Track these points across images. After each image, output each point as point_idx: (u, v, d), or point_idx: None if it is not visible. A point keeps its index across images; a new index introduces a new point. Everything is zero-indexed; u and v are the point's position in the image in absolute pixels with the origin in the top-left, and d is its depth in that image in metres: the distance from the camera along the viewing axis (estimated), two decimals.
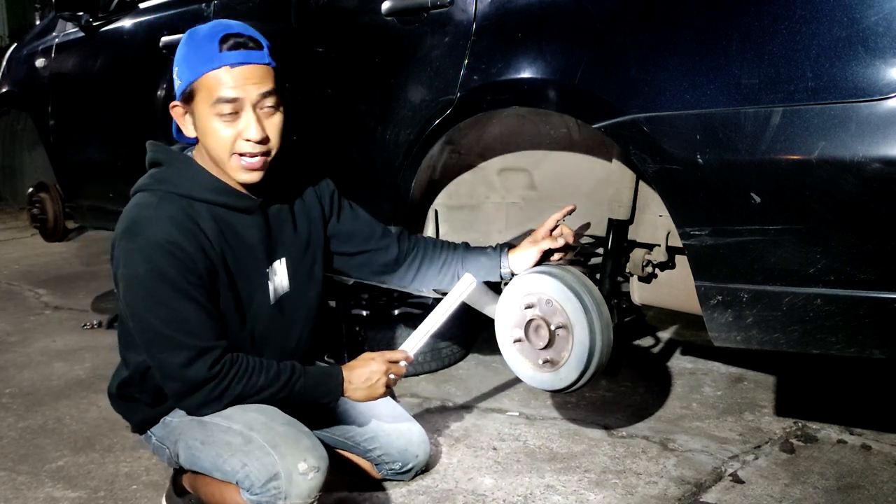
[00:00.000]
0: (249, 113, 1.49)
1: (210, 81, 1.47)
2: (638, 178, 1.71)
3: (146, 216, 1.49)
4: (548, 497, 1.79)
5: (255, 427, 1.52)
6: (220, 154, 1.51)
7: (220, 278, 1.54)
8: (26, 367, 2.76)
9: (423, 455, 1.85)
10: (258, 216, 1.60)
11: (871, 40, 1.22)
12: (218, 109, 1.48)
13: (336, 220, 1.77)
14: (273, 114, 1.52)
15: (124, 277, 1.49)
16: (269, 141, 1.52)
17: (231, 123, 1.49)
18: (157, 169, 1.58)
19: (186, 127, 1.56)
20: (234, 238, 1.57)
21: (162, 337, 1.48)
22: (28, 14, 9.90)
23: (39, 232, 4.43)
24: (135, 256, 1.47)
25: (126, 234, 1.49)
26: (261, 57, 1.49)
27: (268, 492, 1.47)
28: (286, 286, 1.66)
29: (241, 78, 1.47)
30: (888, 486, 1.80)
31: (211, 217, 1.54)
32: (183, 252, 1.47)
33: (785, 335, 1.41)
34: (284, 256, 1.65)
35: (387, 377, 1.63)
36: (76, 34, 3.24)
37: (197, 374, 1.48)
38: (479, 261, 1.78)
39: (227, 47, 1.47)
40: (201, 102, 1.49)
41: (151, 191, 1.54)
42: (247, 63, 1.47)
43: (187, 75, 1.49)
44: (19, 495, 1.87)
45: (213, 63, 1.46)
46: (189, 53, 1.50)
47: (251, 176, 1.53)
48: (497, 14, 1.70)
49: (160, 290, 1.46)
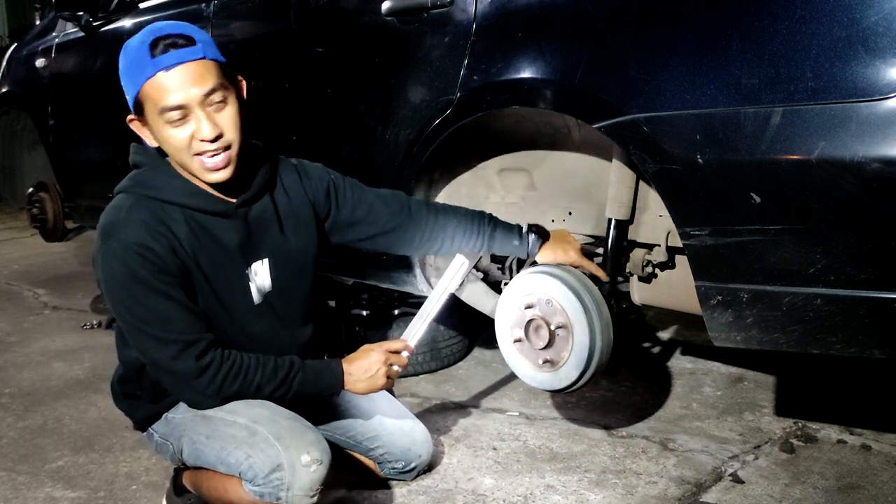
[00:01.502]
0: (198, 113, 1.45)
1: (151, 91, 1.44)
2: (638, 178, 1.71)
3: (118, 219, 1.50)
4: (548, 497, 1.79)
5: (260, 420, 1.53)
6: (182, 158, 1.49)
7: (195, 278, 1.53)
8: (25, 367, 2.76)
9: (425, 454, 1.85)
10: (236, 219, 1.58)
11: (871, 40, 1.22)
12: (166, 118, 1.45)
13: (337, 212, 1.73)
14: (223, 108, 1.48)
15: (103, 279, 1.51)
16: (225, 135, 1.48)
17: (183, 127, 1.46)
18: (137, 171, 1.58)
19: (148, 138, 1.54)
20: (209, 240, 1.55)
21: (145, 334, 1.49)
22: (28, 14, 9.89)
23: (39, 232, 4.42)
24: (109, 258, 1.48)
25: (101, 236, 1.51)
26: (194, 53, 1.44)
27: (270, 483, 1.48)
28: (268, 286, 1.64)
29: (179, 80, 1.43)
30: (888, 486, 1.80)
31: (184, 220, 1.53)
32: (153, 254, 1.47)
33: (785, 335, 1.41)
34: (268, 257, 1.63)
35: (388, 367, 1.63)
36: (76, 34, 3.24)
37: (185, 366, 1.50)
38: (509, 241, 1.74)
39: (159, 52, 1.43)
40: (150, 113, 1.47)
41: (127, 192, 1.55)
42: (181, 62, 1.43)
43: (130, 89, 1.47)
44: (19, 495, 1.87)
45: (147, 71, 1.43)
46: (126, 67, 1.47)
47: (218, 175, 1.50)
48: (497, 14, 1.70)
49: (135, 290, 1.47)
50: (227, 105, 1.48)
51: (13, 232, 5.62)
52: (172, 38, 1.44)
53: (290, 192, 1.68)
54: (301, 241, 1.68)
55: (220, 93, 1.47)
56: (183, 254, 1.51)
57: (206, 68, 1.45)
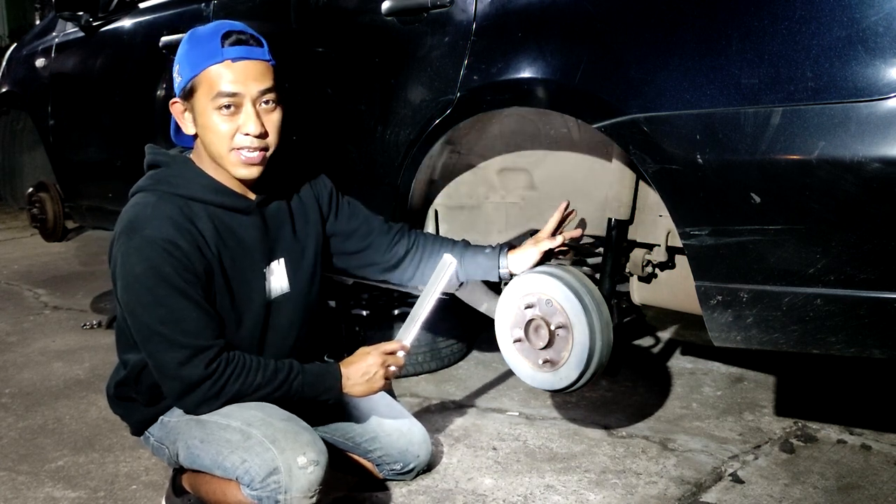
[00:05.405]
0: (249, 108, 1.51)
1: (211, 76, 1.49)
2: (638, 178, 1.71)
3: (144, 215, 1.50)
4: (548, 497, 1.79)
5: (254, 423, 1.52)
6: (219, 149, 1.52)
7: (216, 278, 1.54)
8: (26, 367, 2.76)
9: (424, 455, 1.85)
10: (255, 216, 1.61)
11: (871, 40, 1.21)
12: (218, 103, 1.50)
13: (335, 220, 1.78)
14: (272, 111, 1.55)
15: (122, 276, 1.50)
16: (268, 136, 1.54)
17: (230, 118, 1.51)
18: (156, 170, 1.60)
19: (186, 124, 1.57)
20: (231, 238, 1.57)
21: (158, 335, 1.48)
22: (28, 14, 9.90)
23: (39, 232, 4.43)
24: (132, 255, 1.47)
25: (124, 233, 1.50)
26: (262, 54, 1.53)
27: (268, 486, 1.48)
28: (285, 286, 1.66)
29: (241, 73, 1.49)
30: (888, 486, 1.80)
31: (208, 217, 1.55)
32: (179, 251, 1.47)
33: (785, 335, 1.40)
34: (283, 257, 1.66)
35: (385, 369, 1.63)
36: (76, 34, 3.24)
37: (193, 372, 1.49)
38: (477, 260, 1.77)
39: (229, 43, 1.50)
40: (202, 97, 1.51)
41: (149, 191, 1.55)
42: (248, 58, 1.50)
43: (188, 71, 1.51)
44: (19, 495, 1.87)
45: (214, 58, 1.49)
46: (191, 50, 1.52)
47: (250, 171, 1.54)
48: (497, 14, 1.70)
49: (157, 288, 1.47)
50: (275, 109, 1.56)
51: (13, 232, 5.62)
52: (246, 35, 1.53)
53: (300, 192, 1.72)
54: (310, 241, 1.71)
55: (273, 95, 1.54)
56: (208, 251, 1.53)
57: (267, 70, 1.54)
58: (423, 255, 1.80)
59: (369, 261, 1.81)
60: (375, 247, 1.80)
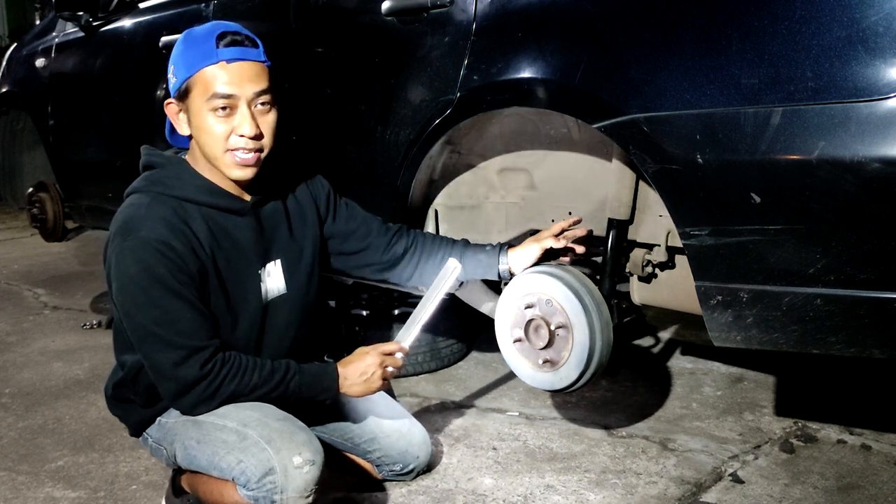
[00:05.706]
0: (244, 109, 1.51)
1: (206, 77, 1.49)
2: (638, 178, 1.71)
3: (138, 216, 1.50)
4: (548, 497, 1.79)
5: (250, 424, 1.52)
6: (214, 150, 1.52)
7: (210, 279, 1.54)
8: (25, 366, 2.76)
9: (423, 456, 1.85)
10: (250, 218, 1.61)
11: (871, 40, 1.21)
12: (213, 105, 1.49)
13: (332, 221, 1.78)
14: (267, 112, 1.55)
15: (116, 277, 1.50)
16: (263, 138, 1.54)
17: (225, 119, 1.51)
18: (151, 171, 1.60)
19: (180, 125, 1.57)
20: (226, 240, 1.57)
21: (153, 336, 1.48)
22: (28, 14, 9.90)
23: (39, 232, 4.43)
24: (126, 256, 1.48)
25: (118, 234, 1.50)
26: (257, 55, 1.53)
27: (264, 487, 1.48)
28: (282, 287, 1.66)
29: (236, 74, 1.49)
30: (888, 486, 1.80)
31: (202, 218, 1.54)
32: (174, 252, 1.47)
33: (785, 335, 1.40)
34: (279, 258, 1.65)
35: (383, 370, 1.63)
36: (76, 34, 3.24)
37: (189, 372, 1.49)
38: (477, 258, 1.78)
39: (224, 44, 1.49)
40: (197, 98, 1.50)
41: (144, 192, 1.55)
42: (243, 60, 1.50)
43: (183, 72, 1.51)
44: (19, 495, 1.87)
45: (209, 59, 1.49)
46: (186, 51, 1.52)
47: (244, 172, 1.54)
48: (497, 14, 1.70)
49: (151, 289, 1.47)
50: (270, 111, 1.55)
51: (13, 232, 5.62)
52: (241, 36, 1.52)
53: (296, 193, 1.72)
54: (308, 242, 1.71)
55: (268, 97, 1.54)
56: (202, 253, 1.52)
57: (263, 71, 1.53)
58: (422, 255, 1.80)
59: (367, 261, 1.81)
60: (374, 247, 1.80)
